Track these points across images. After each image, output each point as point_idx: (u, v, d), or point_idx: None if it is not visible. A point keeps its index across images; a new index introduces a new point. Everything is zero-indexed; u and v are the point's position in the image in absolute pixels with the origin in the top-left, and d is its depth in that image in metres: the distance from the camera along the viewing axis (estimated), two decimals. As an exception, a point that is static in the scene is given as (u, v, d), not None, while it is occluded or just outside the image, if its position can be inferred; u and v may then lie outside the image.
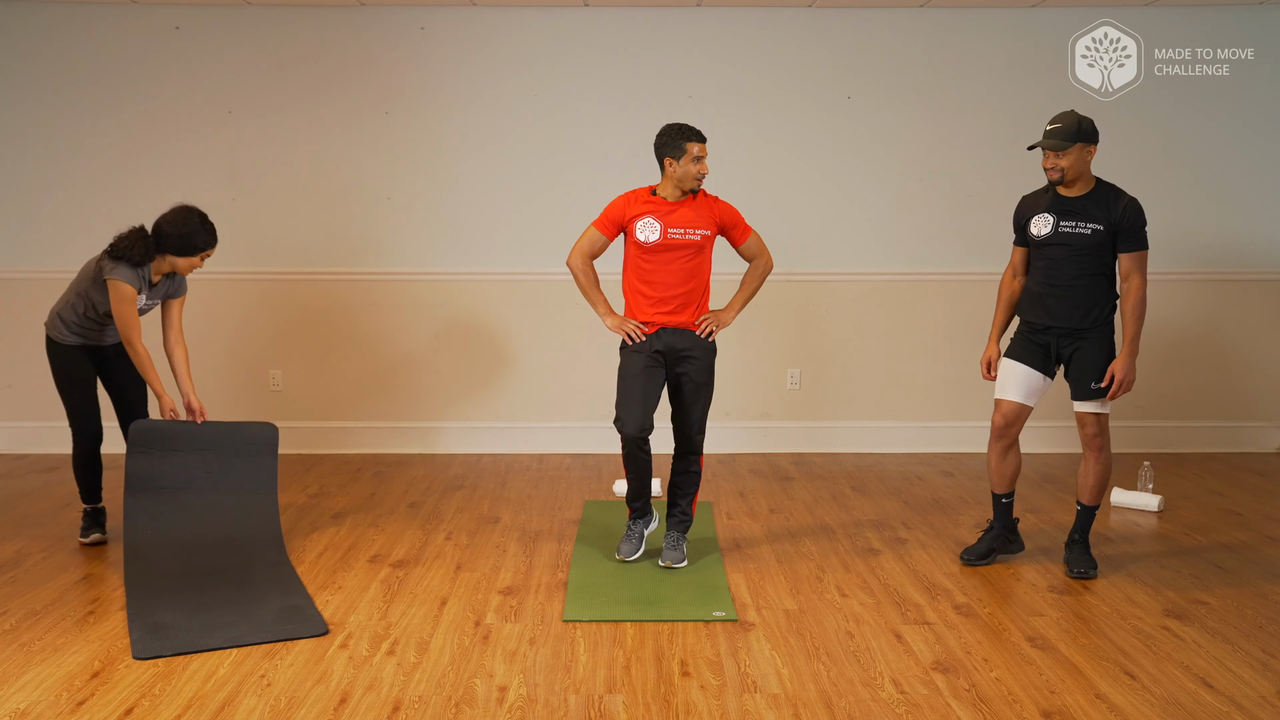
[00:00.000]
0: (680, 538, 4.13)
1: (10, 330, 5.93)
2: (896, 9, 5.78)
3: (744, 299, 4.15)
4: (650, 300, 4.01)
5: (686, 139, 3.91)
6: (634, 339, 4.00)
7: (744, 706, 2.93)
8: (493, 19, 5.79)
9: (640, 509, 4.18)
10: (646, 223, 3.96)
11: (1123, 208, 3.82)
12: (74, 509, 4.83)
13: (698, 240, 3.97)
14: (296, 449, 5.92)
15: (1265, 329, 6.02)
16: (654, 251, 3.97)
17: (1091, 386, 3.88)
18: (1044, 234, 3.90)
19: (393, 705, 2.93)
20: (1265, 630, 3.45)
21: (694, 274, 4.01)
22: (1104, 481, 3.97)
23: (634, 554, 4.12)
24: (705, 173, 3.95)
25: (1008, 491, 4.09)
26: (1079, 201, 3.88)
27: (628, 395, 3.98)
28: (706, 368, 4.06)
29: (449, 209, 5.90)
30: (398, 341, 5.98)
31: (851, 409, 6.06)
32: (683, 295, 4.00)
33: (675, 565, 4.04)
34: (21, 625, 3.47)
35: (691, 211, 3.99)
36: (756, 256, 4.15)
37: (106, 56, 5.77)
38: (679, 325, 4.02)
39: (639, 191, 4.06)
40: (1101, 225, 3.83)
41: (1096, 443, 3.94)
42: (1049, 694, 3.00)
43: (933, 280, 5.96)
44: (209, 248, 4.19)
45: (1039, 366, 3.96)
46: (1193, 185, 5.92)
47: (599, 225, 4.05)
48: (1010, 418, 4.00)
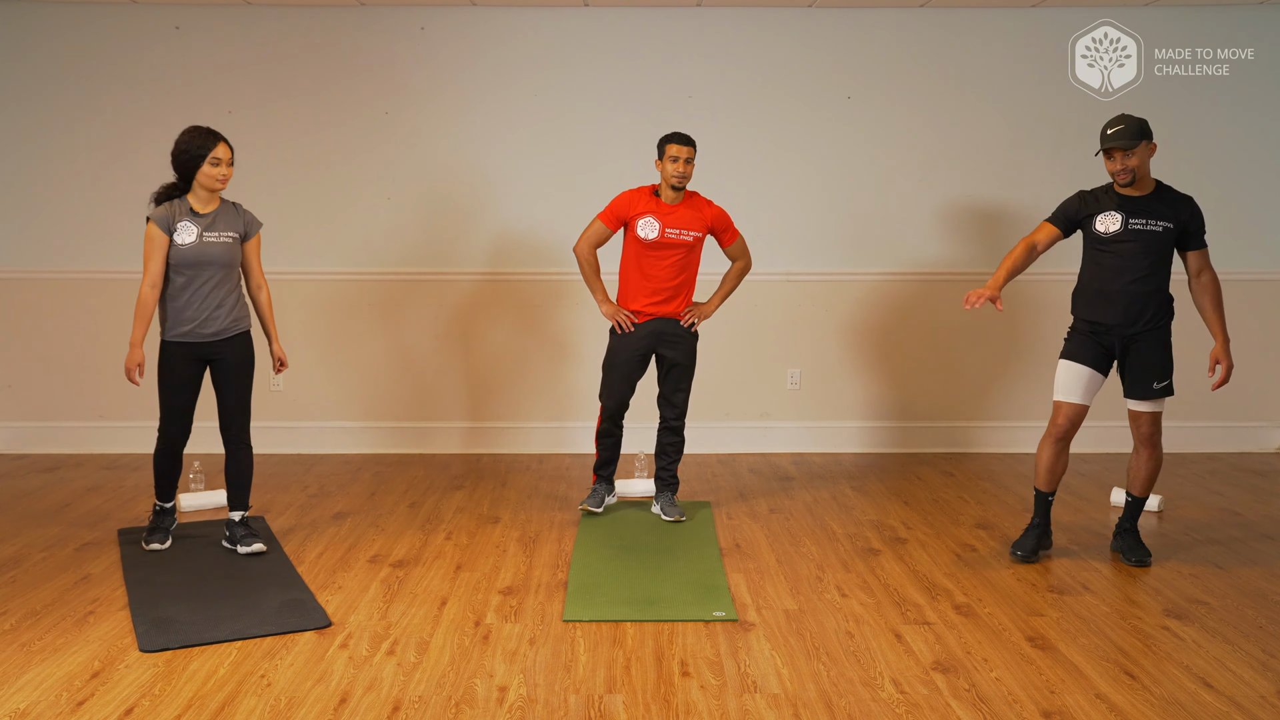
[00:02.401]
0: (672, 497, 4.71)
1: (10, 330, 5.93)
2: (896, 9, 5.78)
3: (724, 295, 4.69)
4: (645, 290, 4.51)
5: (667, 141, 4.41)
6: (624, 328, 4.51)
7: (744, 706, 2.93)
8: (493, 19, 5.79)
9: (607, 477, 4.78)
10: (647, 221, 4.43)
11: (1190, 207, 3.95)
12: (74, 509, 4.83)
13: (690, 241, 4.47)
14: (296, 449, 5.92)
15: (1265, 329, 6.02)
16: (652, 248, 4.45)
17: (1154, 386, 3.96)
18: (1113, 231, 3.93)
19: (393, 705, 2.93)
20: (1265, 630, 3.45)
21: (684, 269, 4.52)
22: (1156, 474, 4.09)
23: (598, 507, 4.70)
24: (685, 172, 4.39)
25: (1053, 490, 4.15)
26: (1145, 200, 3.94)
27: (613, 376, 4.59)
28: (690, 351, 4.61)
29: (449, 209, 5.90)
30: (398, 341, 5.98)
31: (851, 409, 6.06)
32: (673, 288, 4.52)
33: (681, 519, 4.62)
34: (21, 625, 3.47)
35: (688, 214, 4.47)
36: (739, 258, 4.67)
37: (107, 56, 5.77)
38: (667, 314, 4.54)
39: (643, 190, 4.52)
40: (1171, 224, 3.92)
41: (1153, 440, 4.03)
42: (1049, 694, 3.00)
43: (932, 280, 5.95)
44: (206, 149, 3.92)
45: (1099, 367, 4.03)
46: (1193, 185, 5.87)
47: (604, 218, 4.52)
48: (1074, 419, 4.06)
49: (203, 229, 3.98)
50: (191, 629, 3.40)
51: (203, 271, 4.00)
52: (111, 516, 4.71)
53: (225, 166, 3.97)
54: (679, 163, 4.37)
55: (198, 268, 3.99)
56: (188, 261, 3.98)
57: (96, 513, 4.77)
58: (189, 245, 3.96)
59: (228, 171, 3.99)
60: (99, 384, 5.89)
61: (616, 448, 4.75)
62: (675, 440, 4.69)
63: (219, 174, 3.96)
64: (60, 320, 5.90)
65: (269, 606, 3.60)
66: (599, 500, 4.73)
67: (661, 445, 4.70)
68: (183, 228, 3.96)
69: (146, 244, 3.96)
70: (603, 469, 4.77)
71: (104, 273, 5.86)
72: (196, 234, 3.97)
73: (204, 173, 3.95)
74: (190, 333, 4.03)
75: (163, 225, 3.95)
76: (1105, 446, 5.88)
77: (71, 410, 5.93)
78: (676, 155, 4.37)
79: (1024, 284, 5.86)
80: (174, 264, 3.99)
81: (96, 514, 4.75)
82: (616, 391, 4.60)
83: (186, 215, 3.97)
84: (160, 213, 3.97)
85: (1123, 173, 3.88)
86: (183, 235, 3.96)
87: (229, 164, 3.99)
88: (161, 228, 3.95)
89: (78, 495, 5.07)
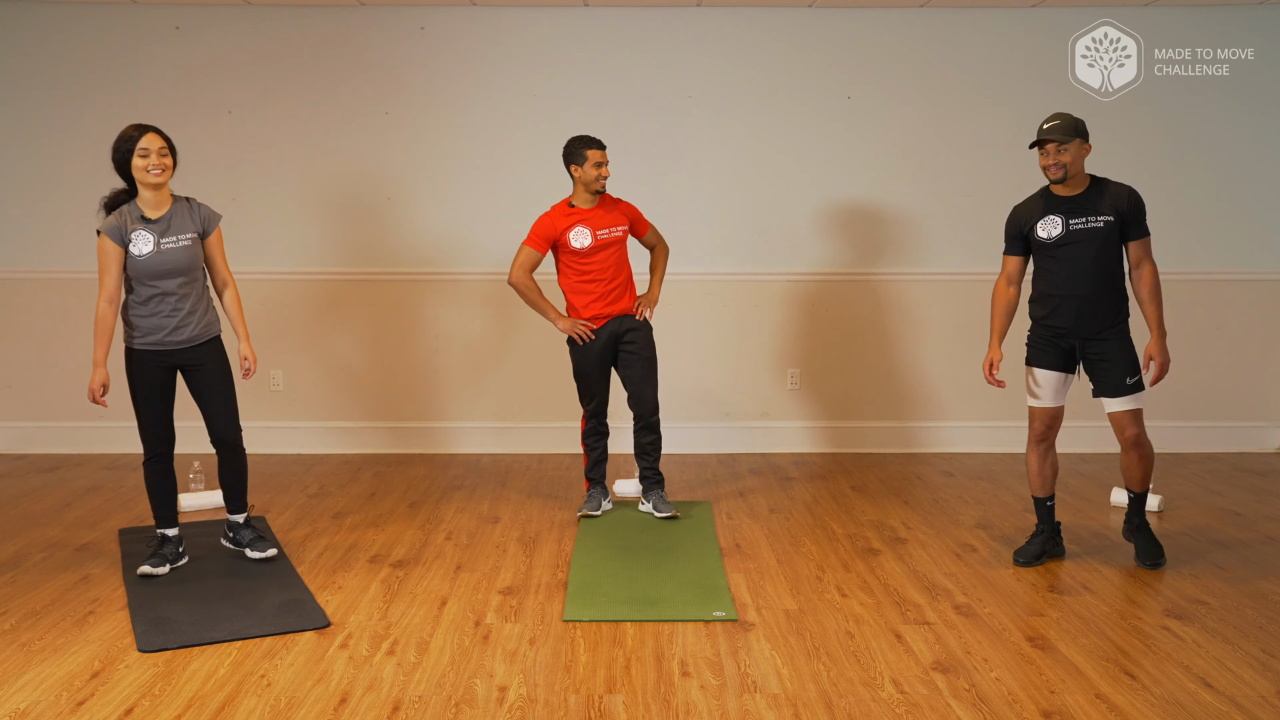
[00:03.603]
0: (661, 493, 4.75)
1: (10, 330, 5.93)
2: (896, 9, 5.78)
3: (661, 279, 4.81)
4: (595, 296, 4.61)
5: (587, 147, 4.51)
6: (583, 338, 4.60)
7: (744, 706, 2.93)
8: (493, 19, 5.79)
9: (599, 480, 4.81)
10: (578, 232, 4.55)
11: (1128, 196, 3.89)
12: (74, 509, 4.84)
13: (620, 236, 4.63)
14: (296, 449, 5.92)
15: (1265, 329, 6.02)
16: (590, 254, 4.57)
17: (1127, 381, 3.91)
18: (1055, 235, 3.91)
19: (393, 705, 2.93)
20: (1265, 630, 3.45)
21: (622, 264, 4.67)
22: (1150, 469, 4.03)
23: (596, 511, 4.71)
24: (606, 175, 4.53)
25: (1050, 494, 4.13)
26: (1082, 198, 3.90)
27: (588, 384, 4.70)
28: (648, 341, 4.70)
29: (449, 209, 5.90)
30: (398, 341, 5.98)
31: (851, 409, 6.06)
32: (619, 285, 4.65)
33: (675, 515, 4.68)
34: (21, 625, 3.47)
35: (608, 213, 4.61)
36: (657, 243, 4.80)
37: (106, 56, 5.77)
38: (621, 312, 4.65)
39: (559, 206, 4.62)
40: (1111, 216, 3.87)
41: (1139, 439, 3.97)
42: (1049, 694, 3.00)
43: (933, 280, 5.95)
44: (132, 142, 3.69)
45: (1064, 368, 4.02)
46: (1192, 185, 5.92)
47: (532, 244, 4.60)
48: (1049, 421, 4.05)
49: (159, 235, 3.74)
50: (191, 629, 3.40)
51: (165, 281, 3.77)
52: (111, 516, 4.72)
53: (155, 157, 3.69)
54: (602, 167, 4.50)
55: (160, 278, 3.76)
56: (148, 272, 3.74)
57: (96, 513, 4.78)
58: (147, 255, 3.73)
59: (161, 162, 3.70)
60: (99, 384, 5.89)
61: (604, 449, 4.79)
62: (653, 438, 4.71)
63: (148, 165, 3.68)
64: (60, 320, 5.89)
65: (269, 606, 3.61)
66: (596, 505, 4.73)
67: (640, 446, 4.73)
68: (138, 237, 3.72)
69: (100, 257, 3.71)
70: (593, 472, 4.80)
71: (104, 273, 5.85)
72: (153, 242, 3.73)
73: (135, 167, 3.69)
74: (158, 341, 3.81)
75: (114, 236, 3.71)
76: (1106, 446, 5.86)
77: (71, 410, 5.93)
78: (600, 160, 4.49)
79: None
80: (133, 275, 3.76)
81: (96, 514, 4.75)
82: (595, 395, 4.69)
83: (139, 222, 3.73)
84: (110, 223, 3.72)
85: (1054, 167, 3.85)
86: (139, 245, 3.72)
87: (161, 153, 3.71)
88: (114, 239, 3.71)
89: (78, 495, 5.07)
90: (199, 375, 3.93)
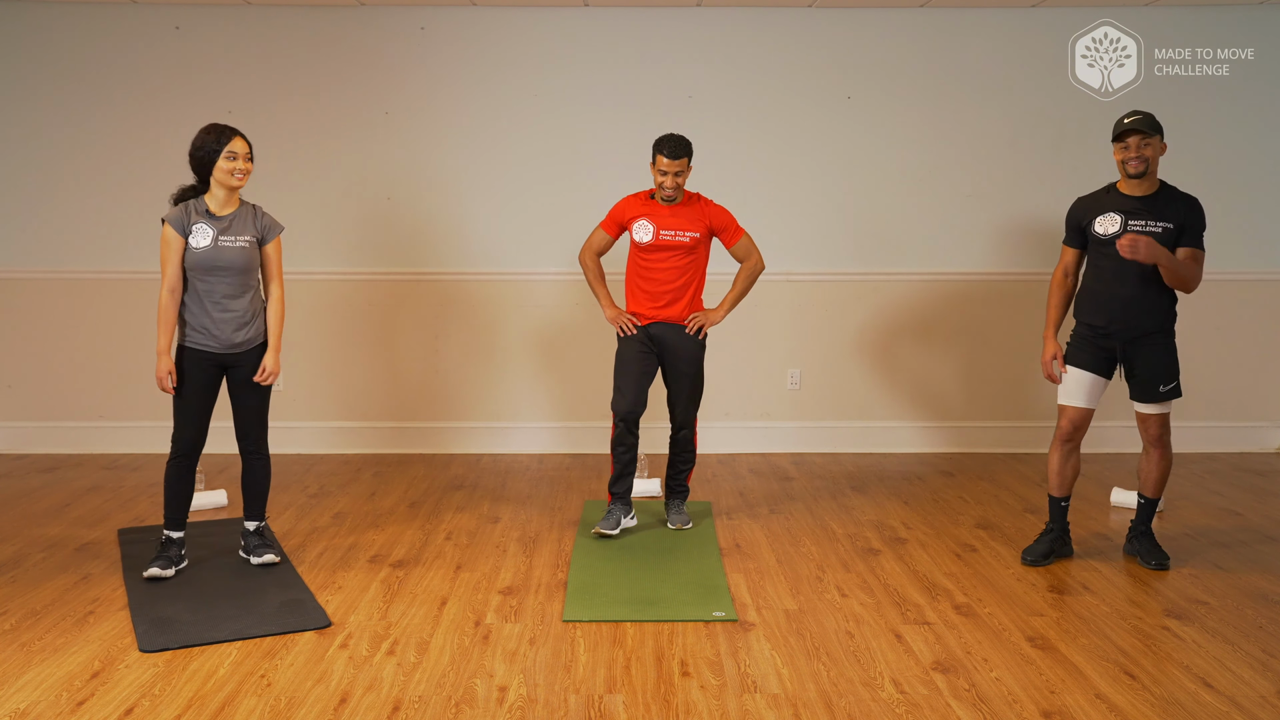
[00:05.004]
0: (681, 504, 4.65)
1: (10, 330, 5.92)
2: (896, 9, 5.78)
3: (734, 299, 4.50)
4: (646, 294, 4.41)
5: (659, 150, 4.25)
6: (627, 330, 4.40)
7: (744, 706, 2.93)
8: (493, 19, 5.79)
9: (623, 495, 4.48)
10: (641, 224, 4.34)
11: (1191, 205, 3.86)
12: (74, 508, 4.84)
13: (687, 242, 4.34)
14: (296, 449, 5.92)
15: (1265, 329, 6.02)
16: (648, 251, 4.36)
17: (1161, 389, 3.93)
18: (1112, 232, 3.88)
19: (393, 705, 2.93)
20: (1265, 630, 3.45)
21: (685, 272, 4.38)
22: (1167, 475, 4.07)
23: (612, 530, 4.39)
24: (668, 185, 4.26)
25: (1067, 495, 4.12)
26: (1146, 200, 3.89)
27: (624, 377, 4.39)
28: (692, 359, 4.45)
29: (449, 209, 5.90)
30: (398, 341, 5.98)
31: (851, 409, 6.06)
32: (674, 291, 4.39)
33: (684, 527, 4.52)
34: (21, 625, 3.47)
35: (684, 215, 4.35)
36: (747, 258, 4.50)
37: (106, 56, 5.77)
38: (669, 319, 4.41)
39: (640, 194, 4.44)
40: (1171, 224, 3.85)
41: (1163, 440, 4.01)
42: (1049, 694, 3.00)
43: (933, 280, 5.95)
44: (221, 144, 3.77)
45: (1102, 371, 4.00)
46: (1193, 185, 5.87)
47: (604, 225, 4.48)
48: (1078, 423, 4.05)
49: (219, 232, 3.81)
50: (191, 629, 3.40)
51: (216, 276, 3.82)
52: (111, 516, 4.72)
53: (242, 161, 3.80)
54: (668, 177, 4.24)
55: (212, 272, 3.81)
56: (203, 266, 3.80)
57: (96, 513, 4.78)
58: (203, 249, 3.78)
59: (245, 166, 3.80)
60: (99, 384, 5.90)
61: (632, 462, 4.44)
62: (682, 454, 4.59)
63: (235, 168, 3.78)
64: (60, 320, 5.90)
65: (269, 606, 3.61)
66: (614, 523, 4.40)
67: (670, 456, 4.64)
68: (198, 230, 3.79)
69: (162, 247, 3.79)
70: (616, 486, 4.47)
71: (104, 273, 5.86)
72: (212, 237, 3.80)
73: (220, 168, 3.77)
74: (207, 341, 3.85)
75: (177, 226, 3.79)
76: (1106, 447, 5.88)
77: (71, 410, 5.93)
78: (665, 169, 4.23)
79: (1024, 283, 5.86)
80: (189, 268, 3.82)
81: (96, 514, 4.75)
82: (628, 394, 4.35)
83: (203, 217, 3.81)
84: (175, 214, 3.81)
85: (1136, 160, 3.81)
86: (198, 238, 3.79)
87: (246, 159, 3.81)
88: (176, 229, 3.79)
89: (78, 495, 5.07)
90: (240, 374, 3.96)
